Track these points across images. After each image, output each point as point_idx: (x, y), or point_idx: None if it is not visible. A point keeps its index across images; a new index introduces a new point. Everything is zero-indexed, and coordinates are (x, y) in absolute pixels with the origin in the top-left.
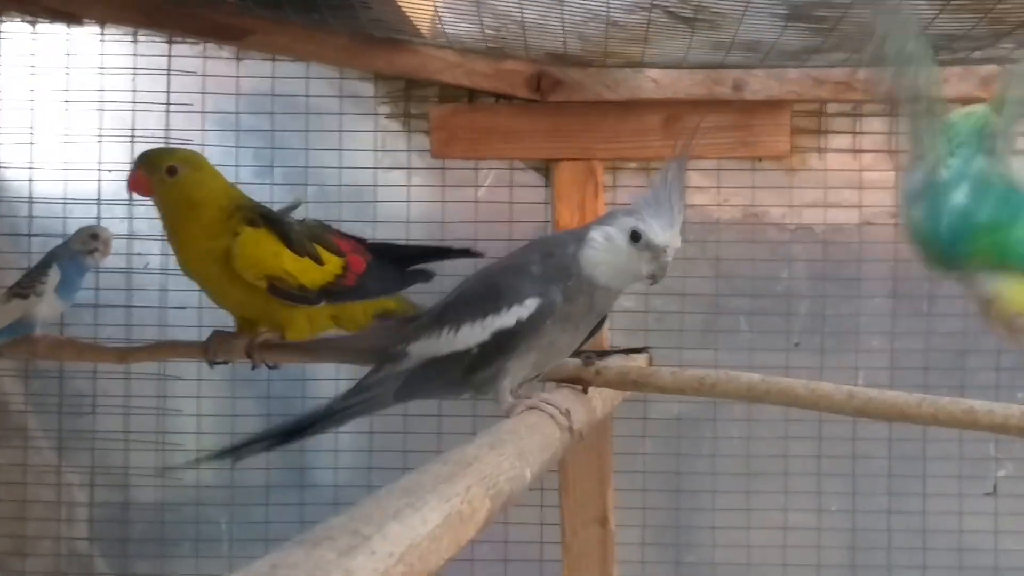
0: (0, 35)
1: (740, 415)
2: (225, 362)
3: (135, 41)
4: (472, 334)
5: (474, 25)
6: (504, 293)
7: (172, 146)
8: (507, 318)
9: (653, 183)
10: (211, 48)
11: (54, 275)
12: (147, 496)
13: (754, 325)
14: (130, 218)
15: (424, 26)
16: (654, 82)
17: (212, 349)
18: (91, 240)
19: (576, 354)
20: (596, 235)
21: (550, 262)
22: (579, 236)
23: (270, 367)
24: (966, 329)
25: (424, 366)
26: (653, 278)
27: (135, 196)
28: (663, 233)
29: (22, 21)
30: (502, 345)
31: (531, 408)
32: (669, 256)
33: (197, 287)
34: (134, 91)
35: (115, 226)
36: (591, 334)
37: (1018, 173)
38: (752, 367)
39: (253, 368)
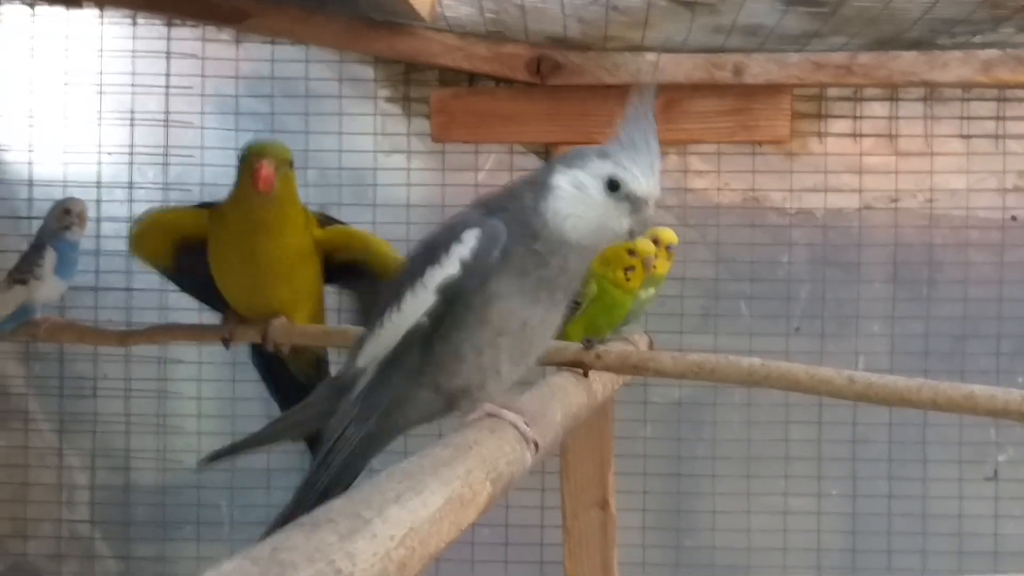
0: (0, 17)
1: (740, 400)
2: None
3: (134, 24)
4: (416, 301)
5: (474, 8)
6: (440, 242)
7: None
8: (448, 266)
9: (625, 121)
10: (210, 31)
11: (50, 256)
12: (148, 479)
13: (754, 310)
14: (130, 201)
15: (424, 9)
16: (654, 66)
17: (230, 331)
18: (64, 216)
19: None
20: (562, 181)
21: (502, 215)
22: (538, 181)
23: (284, 353)
24: (966, 314)
25: (381, 374)
26: (631, 234)
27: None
28: (646, 181)
29: (21, 4)
30: (455, 302)
31: (490, 415)
32: (651, 209)
33: None
34: (133, 74)
35: (115, 209)
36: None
37: None
38: (752, 352)
39: (264, 351)
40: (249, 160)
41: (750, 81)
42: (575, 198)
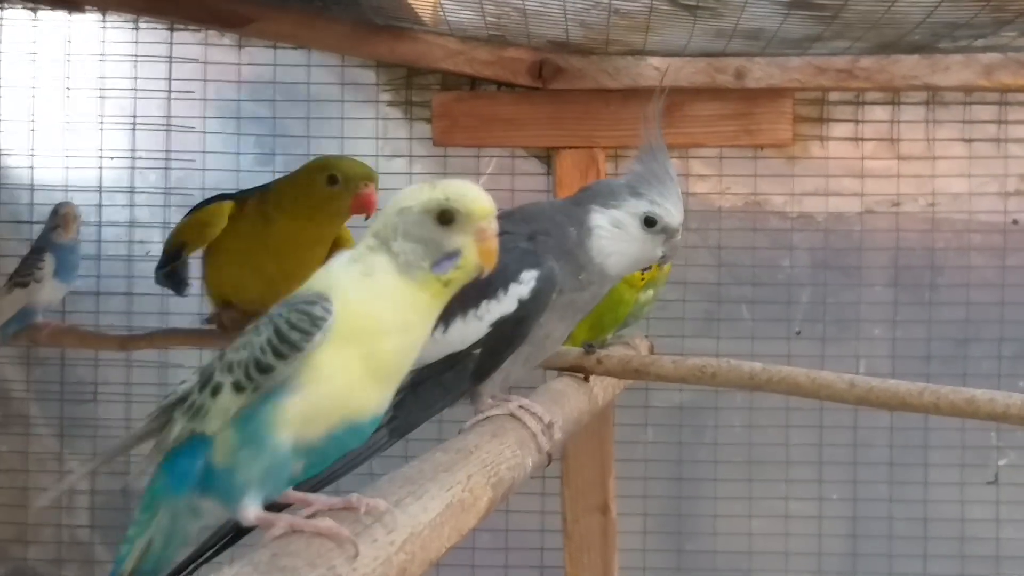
0: (1, 22)
1: (741, 403)
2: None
3: (136, 28)
4: (467, 329)
5: (476, 13)
6: (495, 273)
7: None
8: (506, 303)
9: (643, 158)
10: (213, 35)
11: (50, 260)
12: None
13: (756, 313)
14: (131, 206)
15: (426, 13)
16: (656, 70)
17: (228, 321)
18: (53, 217)
19: None
20: (602, 221)
21: (546, 240)
22: (576, 219)
23: None
24: (968, 318)
25: (418, 386)
26: (664, 259)
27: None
28: (677, 212)
29: (23, 8)
30: (507, 336)
31: (509, 414)
32: (680, 235)
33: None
34: (135, 78)
35: (116, 214)
36: None
37: None
38: (754, 355)
39: None
40: (353, 182)
41: (752, 85)
42: (616, 236)
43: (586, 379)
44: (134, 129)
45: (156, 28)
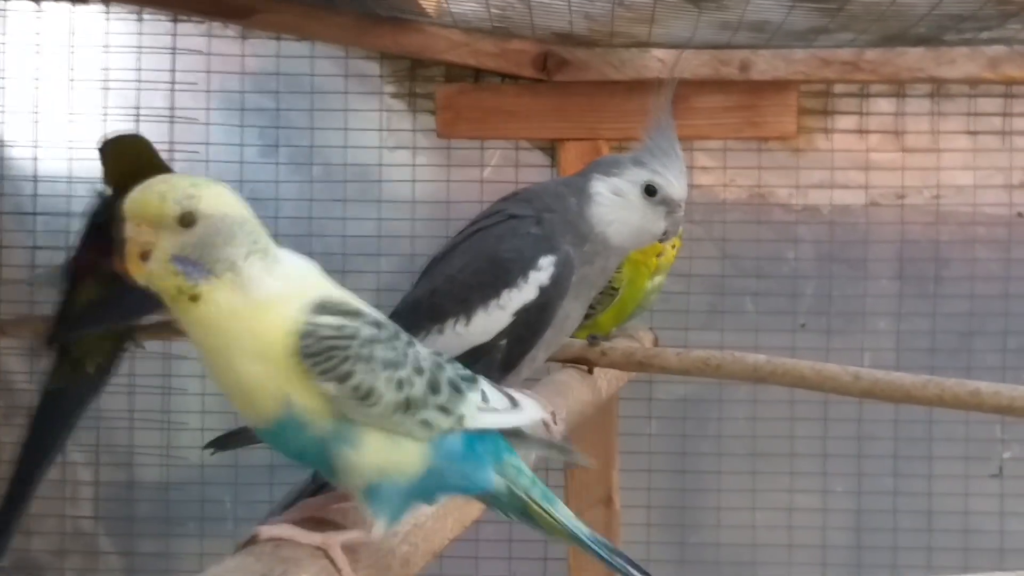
0: (5, 14)
1: (746, 396)
2: None
3: (140, 19)
4: (490, 320)
5: (480, 4)
6: (512, 261)
7: None
8: (527, 290)
9: (650, 131)
10: (216, 27)
11: None
12: (152, 475)
13: (760, 306)
14: None
15: (430, 5)
16: (660, 62)
17: None
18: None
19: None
20: (602, 188)
21: (552, 218)
22: (577, 187)
23: None
24: (973, 310)
25: None
26: (666, 235)
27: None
28: (679, 184)
29: None
30: (531, 324)
31: None
32: (682, 211)
33: None
34: (139, 70)
35: None
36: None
37: None
38: (758, 348)
39: None
40: None
41: (756, 77)
42: (616, 204)
43: (590, 371)
44: (138, 120)
45: (160, 19)
